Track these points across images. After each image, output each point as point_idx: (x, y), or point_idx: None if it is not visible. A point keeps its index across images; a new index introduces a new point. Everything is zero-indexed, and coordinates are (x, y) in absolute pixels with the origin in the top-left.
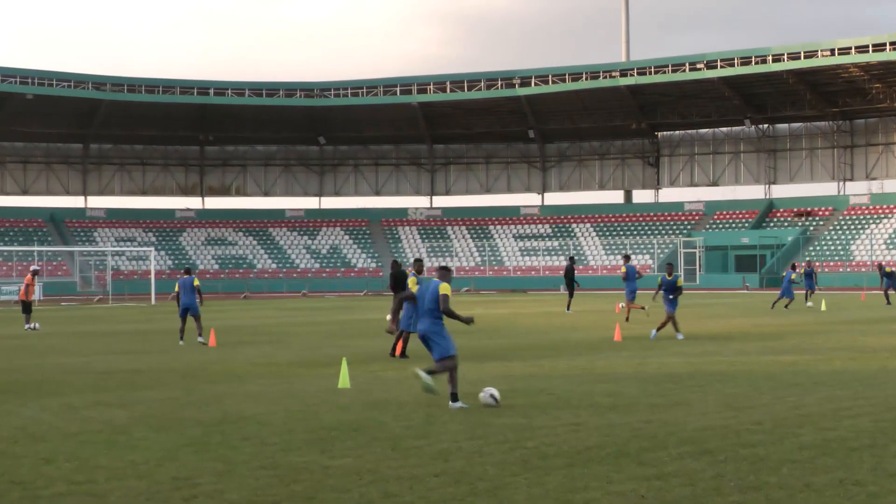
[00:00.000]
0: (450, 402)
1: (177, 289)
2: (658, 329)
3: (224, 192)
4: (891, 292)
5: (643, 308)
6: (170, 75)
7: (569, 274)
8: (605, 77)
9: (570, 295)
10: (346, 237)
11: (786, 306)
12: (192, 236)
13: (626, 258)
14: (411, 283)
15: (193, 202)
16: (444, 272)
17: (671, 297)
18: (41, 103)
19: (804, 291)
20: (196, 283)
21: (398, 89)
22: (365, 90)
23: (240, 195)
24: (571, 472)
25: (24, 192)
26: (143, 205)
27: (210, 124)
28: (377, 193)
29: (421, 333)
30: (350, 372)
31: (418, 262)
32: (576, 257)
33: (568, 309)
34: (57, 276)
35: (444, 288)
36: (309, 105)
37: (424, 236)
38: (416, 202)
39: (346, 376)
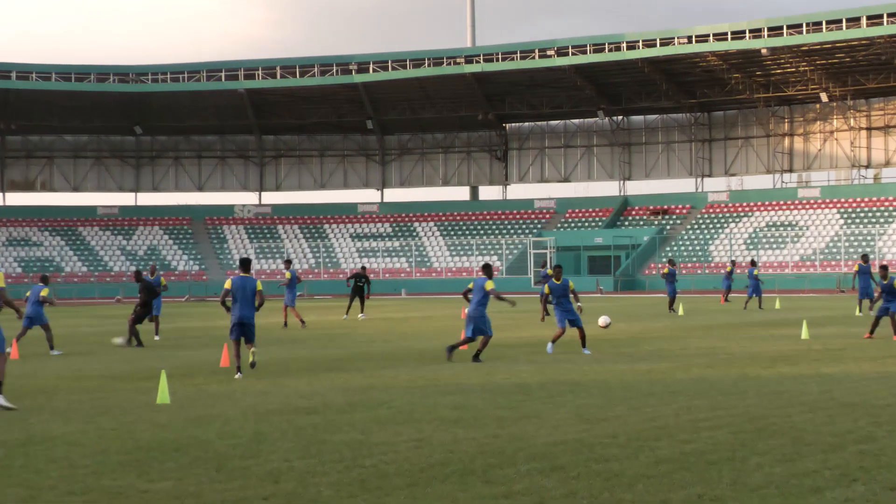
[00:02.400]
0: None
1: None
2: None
3: (28, 186)
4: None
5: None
6: None
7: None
8: (449, 63)
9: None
10: (166, 237)
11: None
12: None
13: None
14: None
15: None
16: (488, 269)
17: (566, 304)
18: None
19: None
20: (163, 281)
21: (223, 74)
22: (186, 75)
23: (46, 190)
24: (413, 493)
25: None
26: None
27: (12, 111)
28: (200, 189)
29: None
30: (170, 386)
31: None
32: (416, 259)
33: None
34: None
35: (490, 284)
36: (124, 91)
37: (253, 236)
38: (243, 198)
39: (166, 390)
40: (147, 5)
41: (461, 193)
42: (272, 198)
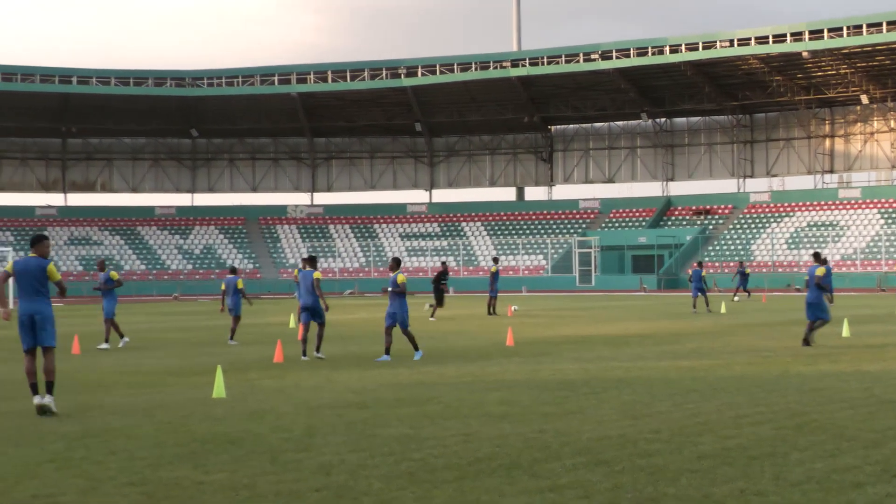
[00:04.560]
0: None
1: (223, 287)
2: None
3: (88, 188)
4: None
5: None
6: (29, 62)
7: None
8: (496, 67)
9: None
10: (221, 236)
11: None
12: (53, 235)
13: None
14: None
15: (55, 199)
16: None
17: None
18: None
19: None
20: (240, 284)
21: (276, 79)
22: (241, 79)
23: (106, 191)
24: (461, 486)
25: None
26: None
27: (73, 115)
28: (254, 190)
29: None
30: (225, 381)
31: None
32: (459, 260)
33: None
34: None
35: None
36: (180, 95)
37: (305, 235)
38: (295, 199)
39: (221, 385)
40: (203, 12)
41: (507, 194)
42: (324, 198)
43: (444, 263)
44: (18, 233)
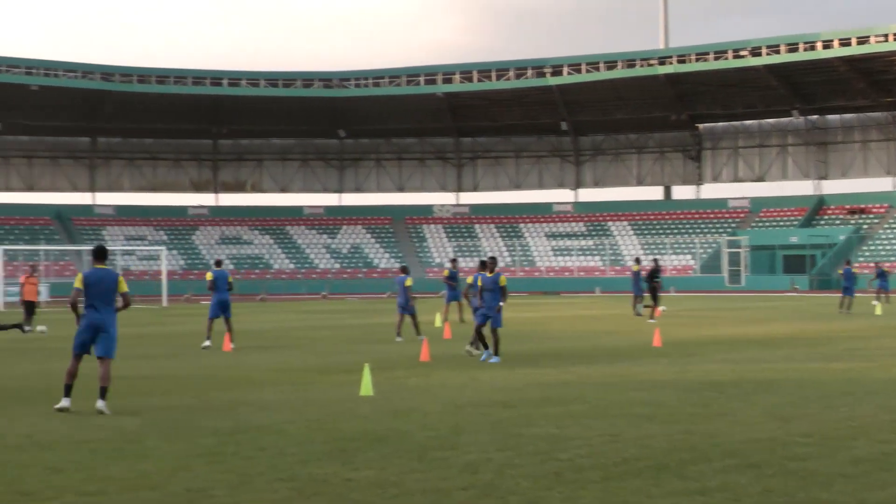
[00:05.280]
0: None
1: (410, 283)
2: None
3: (239, 188)
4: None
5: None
6: (181, 65)
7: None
8: (642, 65)
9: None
10: (368, 236)
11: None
12: (205, 235)
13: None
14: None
15: (206, 199)
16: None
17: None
18: (46, 95)
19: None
20: (409, 282)
21: (422, 79)
22: (387, 80)
23: (255, 191)
24: (608, 486)
25: (30, 189)
26: (153, 201)
27: (223, 116)
28: (400, 189)
29: None
30: (372, 379)
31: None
32: (640, 259)
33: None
34: (64, 276)
35: None
36: (328, 96)
37: (451, 235)
38: (441, 198)
39: (369, 383)
40: (350, 14)
41: (654, 193)
42: (469, 198)
43: (655, 261)
44: (172, 232)
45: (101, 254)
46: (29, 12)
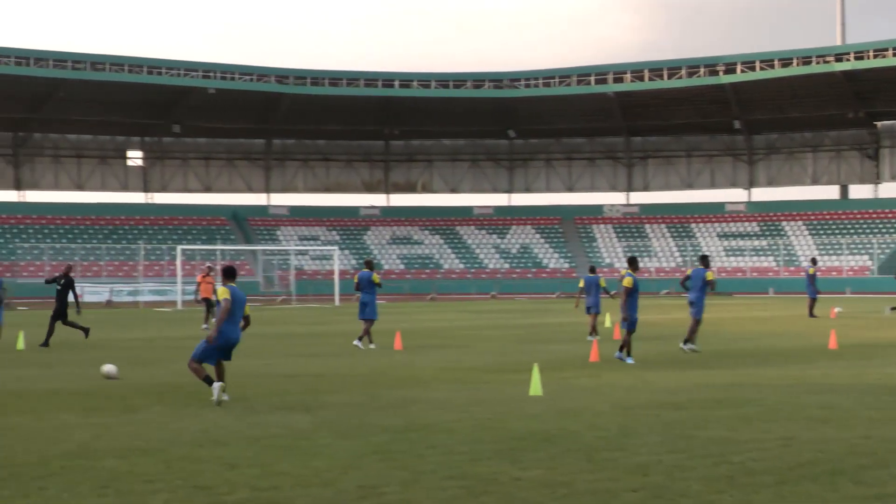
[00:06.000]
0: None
1: (581, 284)
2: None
3: (409, 188)
4: None
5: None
6: (354, 67)
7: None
8: (819, 62)
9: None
10: (538, 236)
11: None
12: (376, 235)
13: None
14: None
15: (378, 199)
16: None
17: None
18: (223, 98)
19: None
20: (603, 282)
21: (592, 79)
22: (557, 80)
23: (426, 192)
24: (781, 491)
25: (207, 190)
26: (326, 202)
27: (395, 118)
28: (570, 189)
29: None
30: (541, 379)
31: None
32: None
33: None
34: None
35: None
36: (497, 97)
37: (621, 235)
38: (611, 198)
39: (538, 383)
40: (522, 14)
41: (830, 192)
42: (640, 198)
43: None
44: (344, 232)
45: (232, 273)
46: (205, 17)
